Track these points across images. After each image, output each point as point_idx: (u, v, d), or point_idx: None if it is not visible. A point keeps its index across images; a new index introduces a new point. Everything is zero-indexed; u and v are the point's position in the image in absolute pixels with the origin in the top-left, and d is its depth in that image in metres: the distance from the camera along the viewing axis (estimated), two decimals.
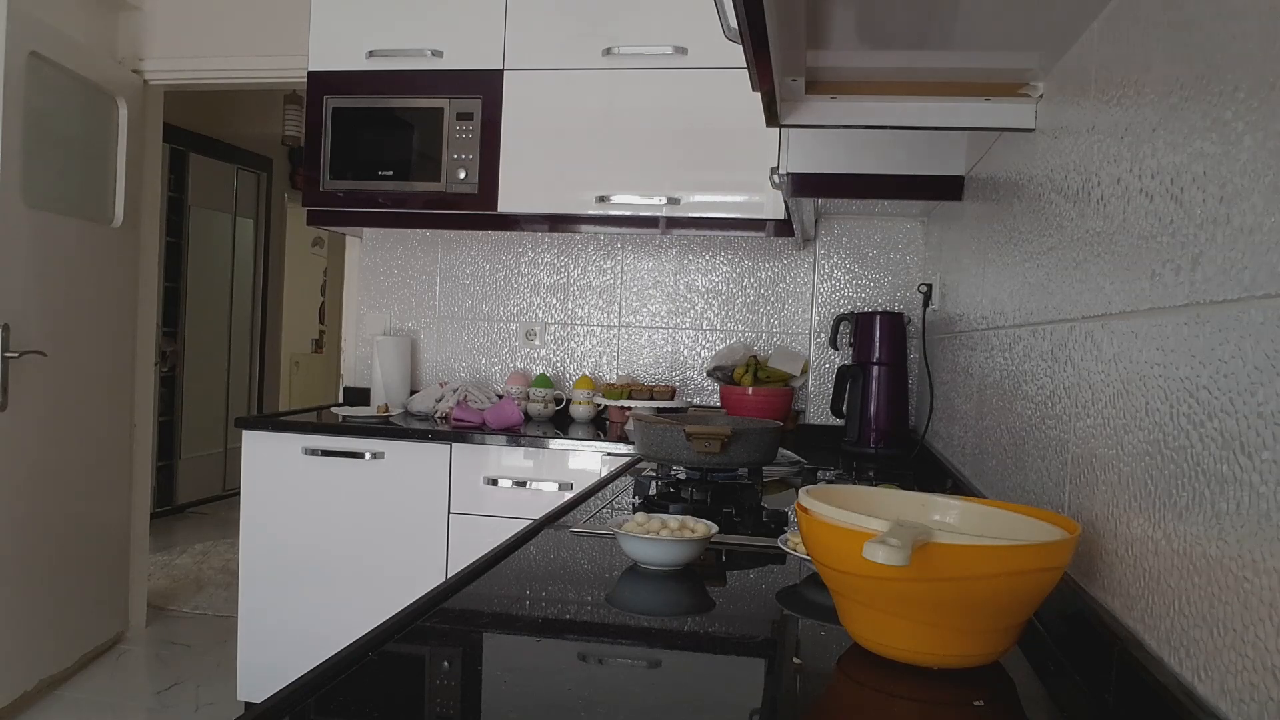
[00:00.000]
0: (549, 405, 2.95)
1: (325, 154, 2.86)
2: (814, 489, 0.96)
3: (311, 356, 6.89)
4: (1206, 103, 0.72)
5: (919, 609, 0.82)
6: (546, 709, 0.75)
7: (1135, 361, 0.84)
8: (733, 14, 0.96)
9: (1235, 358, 0.64)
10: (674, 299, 3.09)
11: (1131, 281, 0.87)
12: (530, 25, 2.75)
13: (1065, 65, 1.16)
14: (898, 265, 2.91)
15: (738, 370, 2.85)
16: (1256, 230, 0.62)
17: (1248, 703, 0.60)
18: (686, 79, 2.67)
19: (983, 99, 1.31)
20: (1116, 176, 0.94)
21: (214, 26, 3.37)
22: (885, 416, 2.55)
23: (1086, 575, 0.95)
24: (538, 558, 1.27)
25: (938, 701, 0.81)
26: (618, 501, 1.69)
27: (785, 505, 1.69)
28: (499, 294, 3.19)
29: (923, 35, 1.14)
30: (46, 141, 2.94)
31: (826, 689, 0.86)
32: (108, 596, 3.36)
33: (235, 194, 6.04)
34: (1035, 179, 1.30)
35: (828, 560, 0.88)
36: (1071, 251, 1.09)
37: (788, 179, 2.01)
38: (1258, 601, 0.59)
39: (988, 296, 1.61)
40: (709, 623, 1.02)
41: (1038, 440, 1.19)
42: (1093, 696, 0.84)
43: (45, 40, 2.87)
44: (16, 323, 2.78)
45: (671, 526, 1.23)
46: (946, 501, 1.03)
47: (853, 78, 1.30)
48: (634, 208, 2.71)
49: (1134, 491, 0.83)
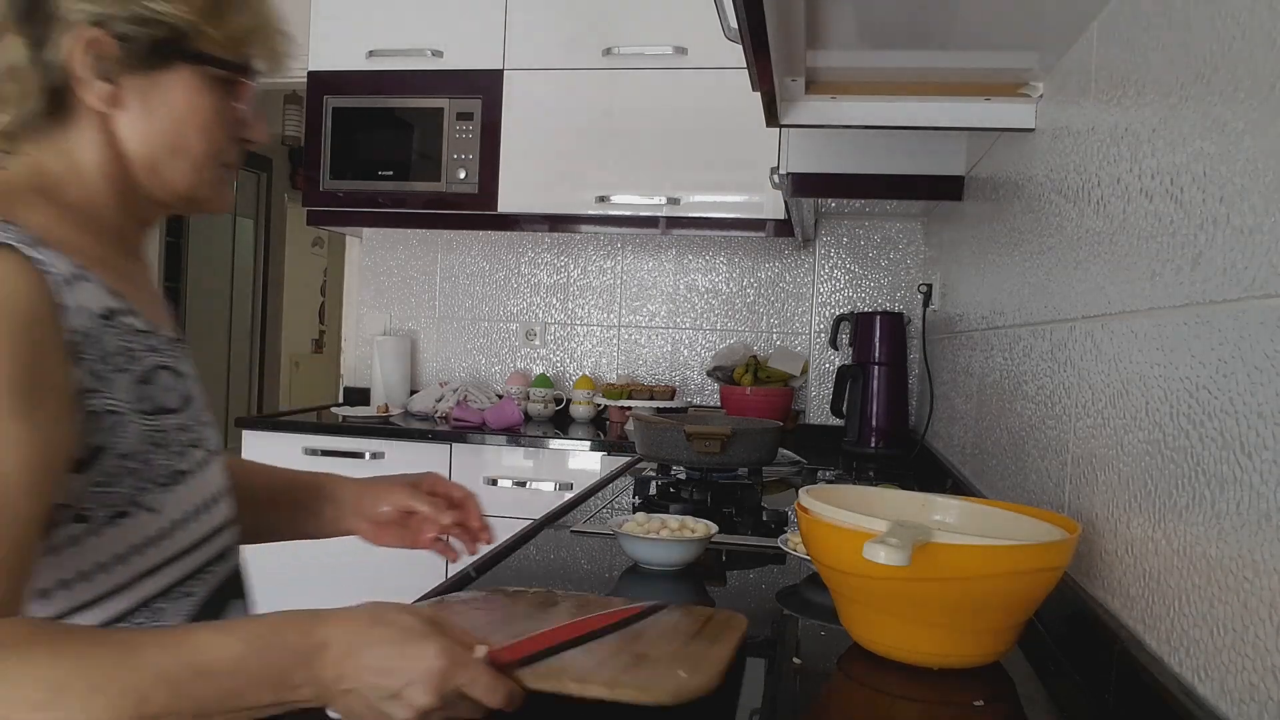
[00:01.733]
0: (549, 405, 2.95)
1: (325, 154, 2.85)
2: (814, 489, 0.96)
3: (311, 356, 6.89)
4: (1206, 103, 0.72)
5: (919, 609, 0.82)
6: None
7: (1135, 361, 0.84)
8: (733, 14, 0.96)
9: (1235, 358, 0.64)
10: (674, 299, 3.09)
11: (1131, 281, 0.87)
12: (530, 25, 2.75)
13: (1065, 65, 1.16)
14: (898, 265, 2.91)
15: (738, 370, 2.85)
16: (1256, 230, 0.62)
17: (1248, 703, 0.60)
18: (686, 79, 2.67)
19: (983, 99, 1.31)
20: (1116, 176, 0.94)
21: None
22: (885, 416, 2.55)
23: (1086, 575, 0.95)
24: (538, 557, 1.27)
25: (938, 701, 0.81)
26: (618, 501, 1.69)
27: (785, 505, 1.69)
28: (499, 294, 3.19)
29: (922, 35, 1.14)
30: None
31: (826, 689, 0.86)
32: None
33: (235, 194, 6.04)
34: (1035, 179, 1.30)
35: (828, 560, 0.88)
36: (1071, 251, 1.09)
37: (788, 179, 2.01)
38: (1258, 601, 0.60)
39: (988, 296, 1.61)
40: None
41: (1038, 440, 1.19)
42: (1093, 696, 0.84)
43: None
44: None
45: (671, 526, 1.23)
46: (946, 501, 1.03)
47: (853, 78, 1.30)
48: (634, 208, 2.71)
49: (1134, 491, 0.83)
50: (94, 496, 0.68)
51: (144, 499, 0.71)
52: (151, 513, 0.71)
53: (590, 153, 2.72)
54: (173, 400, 0.75)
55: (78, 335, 0.66)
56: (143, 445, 0.71)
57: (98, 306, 0.69)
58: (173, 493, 0.73)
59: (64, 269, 0.66)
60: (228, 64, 0.75)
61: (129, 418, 0.70)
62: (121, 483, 0.69)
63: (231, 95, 0.78)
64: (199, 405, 0.80)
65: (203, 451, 0.78)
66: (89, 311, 0.68)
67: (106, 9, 0.70)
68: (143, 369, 0.72)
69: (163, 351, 0.75)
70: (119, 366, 0.70)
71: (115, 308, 0.71)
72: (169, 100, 0.74)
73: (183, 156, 0.76)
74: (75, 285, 0.67)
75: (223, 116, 0.77)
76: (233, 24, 0.75)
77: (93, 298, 0.68)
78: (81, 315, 0.67)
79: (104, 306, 0.69)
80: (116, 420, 0.69)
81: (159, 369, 0.74)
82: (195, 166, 0.76)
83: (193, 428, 0.77)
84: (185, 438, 0.75)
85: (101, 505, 0.68)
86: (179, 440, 0.75)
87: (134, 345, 0.72)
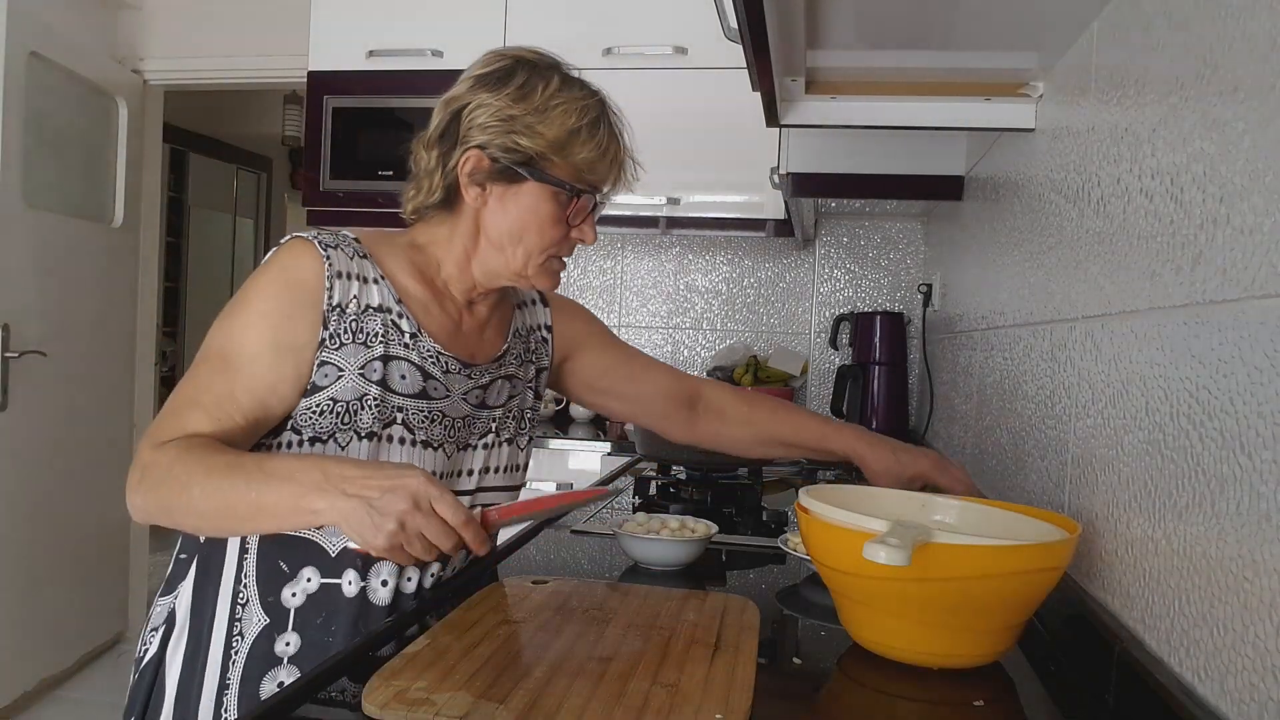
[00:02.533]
0: (549, 405, 2.95)
1: (325, 154, 2.85)
2: (814, 489, 0.96)
3: None
4: (1206, 103, 0.72)
5: (919, 609, 0.82)
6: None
7: (1135, 361, 0.84)
8: (733, 14, 0.96)
9: (1235, 358, 0.64)
10: (674, 299, 3.09)
11: (1131, 281, 0.87)
12: (530, 25, 2.75)
13: (1065, 65, 1.16)
14: (898, 265, 2.91)
15: (738, 370, 2.85)
16: (1256, 230, 0.62)
17: (1248, 703, 0.60)
18: (686, 79, 2.67)
19: (983, 99, 1.31)
20: (1116, 177, 0.94)
21: (214, 26, 3.37)
22: (885, 417, 2.55)
23: (1086, 575, 0.95)
24: (538, 557, 1.27)
25: (938, 701, 0.81)
26: (618, 501, 1.69)
27: (785, 505, 1.69)
28: None
29: (922, 35, 1.14)
30: (46, 142, 2.94)
31: (826, 689, 0.86)
32: (108, 596, 3.36)
33: (235, 194, 6.04)
34: (1035, 179, 1.30)
35: (828, 560, 0.88)
36: (1071, 251, 1.09)
37: (788, 179, 2.01)
38: (1258, 602, 0.59)
39: (988, 296, 1.61)
40: None
41: (1038, 440, 1.19)
42: (1093, 696, 0.84)
43: (45, 40, 2.87)
44: (16, 323, 2.78)
45: (672, 526, 1.23)
46: (946, 501, 1.03)
47: (853, 78, 1.30)
48: (634, 208, 2.71)
49: (1134, 491, 0.83)
50: (306, 418, 0.95)
51: (339, 437, 0.95)
52: (340, 449, 0.95)
53: None
54: (402, 386, 0.99)
55: (332, 308, 0.95)
56: (353, 399, 0.95)
57: (370, 300, 0.98)
58: (362, 444, 0.96)
59: (348, 268, 0.97)
60: (567, 185, 0.99)
61: (348, 376, 0.95)
62: (326, 418, 0.95)
63: (572, 206, 1.01)
64: (438, 410, 1.02)
65: (403, 430, 0.99)
66: (356, 298, 0.97)
67: (489, 138, 0.98)
68: (385, 351, 0.97)
69: (425, 355, 1.01)
70: (360, 341, 0.96)
71: (389, 308, 0.99)
72: (520, 205, 1.00)
73: (521, 245, 1.01)
74: (352, 282, 0.97)
75: (559, 221, 1.01)
76: (577, 157, 0.99)
77: (370, 295, 0.98)
78: (346, 296, 0.96)
79: (378, 303, 0.98)
80: (338, 373, 0.95)
81: (402, 360, 0.99)
82: (528, 253, 1.02)
83: (408, 410, 0.99)
84: (386, 413, 0.97)
85: (310, 427, 0.95)
86: (383, 409, 0.97)
87: (390, 336, 0.98)
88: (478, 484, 1.09)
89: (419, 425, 1.00)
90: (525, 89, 0.99)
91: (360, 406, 0.96)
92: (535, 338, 1.19)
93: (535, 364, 1.18)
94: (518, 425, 1.14)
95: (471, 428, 1.07)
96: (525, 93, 0.99)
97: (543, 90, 0.99)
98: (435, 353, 1.02)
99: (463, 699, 0.71)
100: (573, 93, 1.00)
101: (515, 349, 1.14)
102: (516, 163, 0.98)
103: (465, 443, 1.07)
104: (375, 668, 0.77)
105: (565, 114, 0.98)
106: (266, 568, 0.98)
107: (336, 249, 0.97)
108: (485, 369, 1.08)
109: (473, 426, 1.07)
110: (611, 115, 1.04)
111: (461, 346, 1.06)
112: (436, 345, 1.02)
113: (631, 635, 0.87)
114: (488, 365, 1.09)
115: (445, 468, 1.04)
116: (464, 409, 1.05)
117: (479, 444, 1.08)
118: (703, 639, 0.87)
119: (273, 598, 0.97)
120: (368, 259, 1.00)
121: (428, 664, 0.78)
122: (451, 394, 1.03)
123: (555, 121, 0.98)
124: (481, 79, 1.01)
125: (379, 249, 1.03)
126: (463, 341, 1.06)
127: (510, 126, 0.98)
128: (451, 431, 1.04)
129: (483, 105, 0.99)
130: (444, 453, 1.03)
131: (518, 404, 1.14)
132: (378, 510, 0.79)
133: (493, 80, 1.00)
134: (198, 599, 0.99)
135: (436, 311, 1.04)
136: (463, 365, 1.05)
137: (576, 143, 0.99)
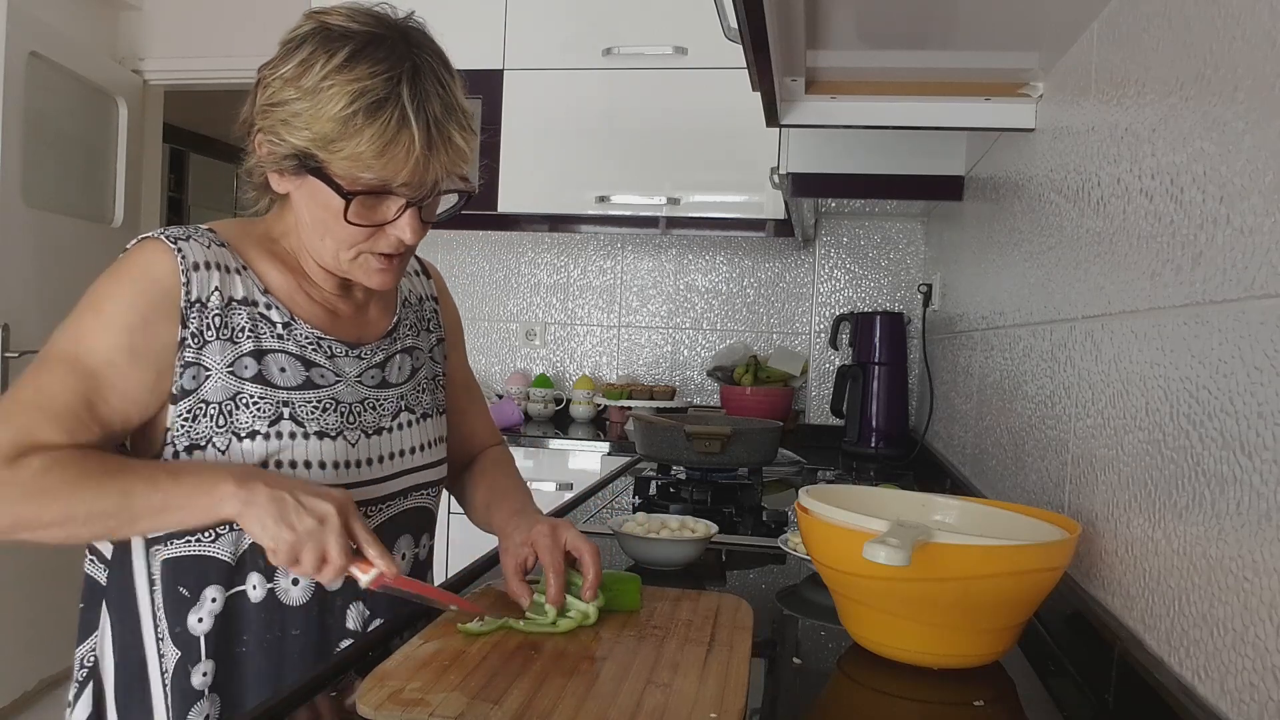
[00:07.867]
0: (549, 405, 2.95)
1: None
2: (814, 489, 0.96)
3: None
4: (1206, 103, 0.72)
5: (919, 609, 0.82)
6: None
7: (1135, 361, 0.84)
8: (733, 14, 0.96)
9: (1235, 358, 0.64)
10: (674, 299, 3.09)
11: (1131, 281, 0.87)
12: (530, 25, 2.75)
13: (1065, 65, 1.16)
14: (898, 265, 2.91)
15: (738, 370, 2.85)
16: (1256, 230, 0.62)
17: (1248, 703, 0.60)
18: (686, 79, 2.67)
19: (983, 99, 1.31)
20: (1116, 177, 0.94)
21: (214, 26, 3.37)
22: (885, 416, 2.55)
23: (1086, 575, 0.95)
24: None
25: (938, 701, 0.81)
26: (618, 501, 1.69)
27: (785, 505, 1.69)
28: (499, 294, 3.19)
29: (922, 35, 1.14)
30: (46, 141, 2.94)
31: (826, 689, 0.86)
32: None
33: (235, 194, 6.03)
34: (1035, 179, 1.30)
35: (828, 560, 0.88)
36: (1071, 251, 1.09)
37: (788, 179, 2.01)
38: (1258, 602, 0.59)
39: (988, 296, 1.61)
40: None
41: (1038, 440, 1.19)
42: (1093, 696, 0.84)
43: (45, 40, 2.87)
44: (16, 323, 2.78)
45: (671, 526, 1.23)
46: (946, 501, 1.03)
47: (853, 78, 1.30)
48: (634, 208, 2.71)
49: (1134, 491, 0.83)
50: (180, 426, 0.88)
51: (217, 441, 0.89)
52: (220, 454, 0.89)
53: (590, 153, 2.72)
54: (283, 379, 0.93)
55: (191, 304, 0.88)
56: (224, 399, 0.89)
57: (233, 293, 0.91)
58: (243, 444, 0.90)
59: (204, 257, 0.90)
60: (339, 186, 0.86)
61: (216, 375, 0.89)
62: (201, 423, 0.89)
63: (374, 203, 0.88)
64: (329, 397, 0.95)
65: (292, 424, 0.92)
66: (218, 290, 0.90)
67: (268, 123, 0.87)
68: (257, 346, 0.92)
69: (303, 343, 0.95)
70: (226, 337, 0.90)
71: (254, 300, 0.93)
72: (313, 199, 0.89)
73: (327, 240, 0.91)
74: (212, 272, 0.90)
75: (359, 218, 0.88)
76: (348, 151, 0.84)
77: (234, 287, 0.92)
78: (205, 289, 0.89)
79: (242, 296, 0.92)
80: (205, 374, 0.89)
81: (278, 353, 0.93)
82: (335, 249, 0.92)
83: (295, 404, 0.93)
84: (270, 408, 0.91)
85: (184, 435, 0.89)
86: (263, 406, 0.91)
87: (260, 329, 0.92)
88: (403, 466, 1.02)
89: (309, 417, 0.93)
90: (303, 65, 0.85)
91: (235, 406, 0.89)
92: (428, 306, 1.13)
93: (433, 332, 1.12)
94: (432, 397, 1.08)
95: (378, 409, 1.00)
96: (301, 70, 0.85)
97: (321, 68, 0.84)
98: (315, 339, 0.96)
99: (457, 699, 0.71)
100: (355, 70, 0.83)
101: (408, 318, 1.08)
102: (288, 155, 0.87)
103: (376, 427, 0.99)
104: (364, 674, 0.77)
105: (334, 99, 0.83)
106: (171, 597, 0.90)
107: (189, 240, 0.90)
108: (377, 347, 1.02)
109: (379, 408, 1.00)
110: (415, 91, 0.85)
111: (344, 329, 0.99)
112: (316, 331, 0.96)
113: (625, 635, 0.87)
114: (379, 342, 1.02)
115: (350, 456, 0.96)
116: (361, 392, 0.99)
117: (392, 425, 1.01)
118: (697, 639, 0.87)
119: (180, 628, 0.90)
120: (226, 247, 0.93)
121: (422, 664, 0.78)
122: (344, 378, 0.97)
123: (323, 108, 0.83)
124: (281, 48, 0.89)
125: (238, 241, 0.95)
126: (344, 324, 1.00)
127: (280, 114, 0.86)
128: (350, 418, 0.97)
129: (265, 83, 0.88)
130: (345, 441, 0.96)
131: (425, 374, 1.08)
132: (301, 505, 0.81)
133: (283, 51, 0.88)
134: (119, 646, 0.91)
135: (306, 297, 0.97)
136: (349, 347, 0.99)
137: (348, 134, 0.83)
